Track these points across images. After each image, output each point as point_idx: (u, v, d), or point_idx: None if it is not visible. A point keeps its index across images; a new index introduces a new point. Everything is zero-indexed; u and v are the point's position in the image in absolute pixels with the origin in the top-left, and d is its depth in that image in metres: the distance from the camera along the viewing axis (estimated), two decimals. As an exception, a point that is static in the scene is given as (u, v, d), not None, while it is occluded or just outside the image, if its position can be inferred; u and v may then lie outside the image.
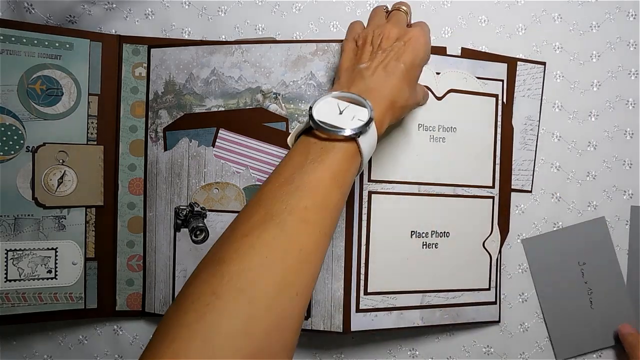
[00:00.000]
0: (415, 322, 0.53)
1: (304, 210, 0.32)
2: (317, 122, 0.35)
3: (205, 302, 0.27)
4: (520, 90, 0.56)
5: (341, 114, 0.36)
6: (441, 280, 0.53)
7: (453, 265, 0.53)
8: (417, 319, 0.53)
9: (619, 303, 0.57)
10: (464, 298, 0.54)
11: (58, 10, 0.55)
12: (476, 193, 0.54)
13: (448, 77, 0.53)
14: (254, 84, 0.52)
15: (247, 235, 0.31)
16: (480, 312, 0.55)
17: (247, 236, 0.31)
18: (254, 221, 0.31)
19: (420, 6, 0.56)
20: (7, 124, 0.50)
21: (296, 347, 0.57)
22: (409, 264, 0.52)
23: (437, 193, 0.52)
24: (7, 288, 0.50)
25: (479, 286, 0.54)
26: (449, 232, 0.53)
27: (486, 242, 0.54)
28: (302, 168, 0.34)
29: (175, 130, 0.53)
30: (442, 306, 0.53)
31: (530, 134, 0.57)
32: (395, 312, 0.52)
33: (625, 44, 0.57)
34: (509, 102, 0.55)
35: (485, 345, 0.57)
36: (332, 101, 0.37)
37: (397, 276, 0.52)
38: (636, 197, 0.58)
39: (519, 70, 0.55)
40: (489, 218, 0.54)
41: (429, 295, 0.53)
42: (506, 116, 0.55)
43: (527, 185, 0.57)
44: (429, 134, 0.52)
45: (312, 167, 0.34)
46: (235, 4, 0.56)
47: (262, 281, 0.29)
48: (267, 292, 0.29)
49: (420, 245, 0.52)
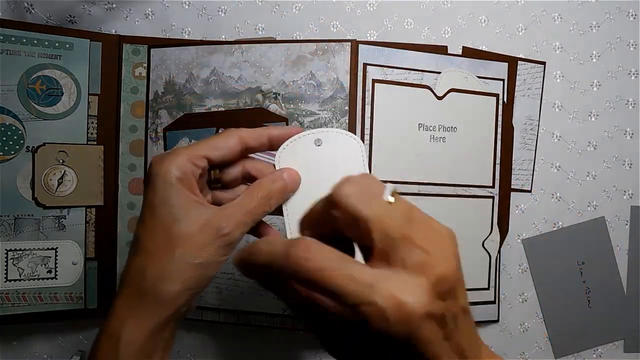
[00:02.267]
0: None
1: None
2: None
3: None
4: (521, 89, 0.56)
5: None
6: None
7: None
8: None
9: (616, 302, 0.57)
10: None
11: (58, 10, 0.55)
12: (476, 193, 0.54)
13: (449, 76, 0.52)
14: (253, 84, 0.52)
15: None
16: (479, 312, 0.55)
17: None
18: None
19: (421, 6, 0.56)
20: (7, 124, 0.50)
21: (298, 347, 0.57)
22: None
23: (437, 193, 0.52)
24: (7, 288, 0.50)
25: (478, 285, 0.54)
26: None
27: (485, 241, 0.54)
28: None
29: (175, 130, 0.53)
30: None
31: (530, 134, 0.56)
32: None
33: (625, 44, 0.57)
34: (510, 101, 0.55)
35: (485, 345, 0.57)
36: None
37: None
38: (636, 197, 0.58)
39: (519, 69, 0.56)
40: (488, 218, 0.54)
41: None
42: (506, 116, 0.55)
43: (526, 185, 0.57)
44: (429, 133, 0.52)
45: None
46: (235, 4, 0.56)
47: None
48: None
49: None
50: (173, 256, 0.31)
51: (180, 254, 0.31)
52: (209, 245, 0.31)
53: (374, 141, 0.51)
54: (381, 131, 0.51)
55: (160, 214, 0.31)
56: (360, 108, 0.51)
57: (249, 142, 0.34)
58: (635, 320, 0.57)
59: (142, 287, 0.31)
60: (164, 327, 0.32)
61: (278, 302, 0.51)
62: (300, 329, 0.51)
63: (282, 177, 0.33)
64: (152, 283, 0.31)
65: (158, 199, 0.31)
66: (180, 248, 0.31)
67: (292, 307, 0.28)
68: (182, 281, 0.31)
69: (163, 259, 0.31)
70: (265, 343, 0.57)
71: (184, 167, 0.32)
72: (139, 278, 0.31)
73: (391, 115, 0.51)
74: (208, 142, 0.34)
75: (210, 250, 0.31)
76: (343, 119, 0.50)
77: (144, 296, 0.31)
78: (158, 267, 0.31)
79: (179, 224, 0.31)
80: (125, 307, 0.31)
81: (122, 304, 0.32)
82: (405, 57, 0.52)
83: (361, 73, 0.51)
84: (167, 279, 0.31)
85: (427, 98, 0.52)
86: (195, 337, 0.57)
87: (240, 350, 0.57)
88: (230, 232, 0.32)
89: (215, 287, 0.52)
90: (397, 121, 0.52)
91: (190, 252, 0.31)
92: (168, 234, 0.31)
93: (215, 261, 0.32)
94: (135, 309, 0.31)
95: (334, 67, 0.51)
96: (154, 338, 0.31)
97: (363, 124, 0.51)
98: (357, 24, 0.56)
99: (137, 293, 0.31)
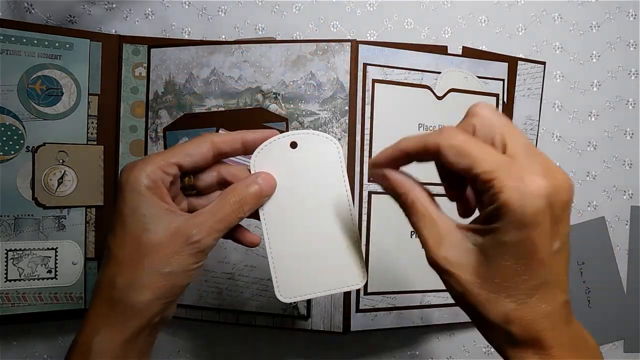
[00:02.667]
0: (415, 322, 0.53)
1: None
2: None
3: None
4: (521, 89, 0.56)
5: None
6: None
7: None
8: (417, 318, 0.53)
9: (616, 302, 0.57)
10: None
11: (58, 10, 0.55)
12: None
13: (449, 76, 0.52)
14: (253, 84, 0.52)
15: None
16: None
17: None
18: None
19: (421, 6, 0.56)
20: (7, 124, 0.50)
21: (298, 348, 0.57)
22: (410, 264, 0.52)
23: (437, 193, 0.52)
24: (7, 288, 0.50)
25: None
26: None
27: None
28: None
29: (175, 130, 0.53)
30: (441, 306, 0.53)
31: (530, 134, 0.56)
32: (395, 311, 0.52)
33: (625, 44, 0.57)
34: (510, 101, 0.55)
35: (486, 345, 0.57)
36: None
37: (398, 276, 0.52)
38: (636, 197, 0.58)
39: (519, 69, 0.55)
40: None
41: (428, 295, 0.53)
42: (507, 116, 0.54)
43: None
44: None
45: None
46: (235, 4, 0.56)
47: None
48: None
49: (421, 245, 0.52)
50: (142, 265, 0.30)
51: (149, 262, 0.30)
52: (178, 253, 0.31)
53: (374, 141, 0.51)
54: (381, 131, 0.51)
55: (130, 222, 0.31)
56: (360, 108, 0.51)
57: (221, 147, 0.34)
58: (635, 320, 0.57)
59: (113, 296, 0.31)
60: (137, 336, 0.31)
61: (278, 302, 0.51)
62: (300, 329, 0.51)
63: (257, 182, 0.33)
64: (122, 292, 0.31)
65: (127, 208, 0.31)
66: (150, 257, 0.31)
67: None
68: (152, 290, 0.31)
69: (133, 268, 0.31)
70: (265, 343, 0.57)
71: (153, 175, 0.31)
72: (110, 287, 0.31)
73: (391, 115, 0.51)
74: (179, 149, 0.33)
75: (180, 259, 0.31)
76: (343, 119, 0.50)
77: (115, 305, 0.31)
78: (128, 276, 0.31)
79: (148, 233, 0.31)
80: (97, 317, 0.31)
81: (94, 314, 0.31)
82: (405, 57, 0.52)
83: (361, 73, 0.51)
84: (137, 289, 0.30)
85: (427, 98, 0.52)
86: (195, 337, 0.57)
87: (240, 350, 0.57)
88: (200, 239, 0.31)
89: (215, 287, 0.52)
90: (397, 121, 0.51)
91: (159, 261, 0.31)
92: (138, 243, 0.31)
93: (185, 269, 0.31)
94: (107, 318, 0.31)
95: (334, 67, 0.51)
96: (126, 347, 0.31)
97: (363, 124, 0.51)
98: (357, 24, 0.56)
99: (108, 302, 0.31)
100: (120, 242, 0.31)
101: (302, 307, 0.50)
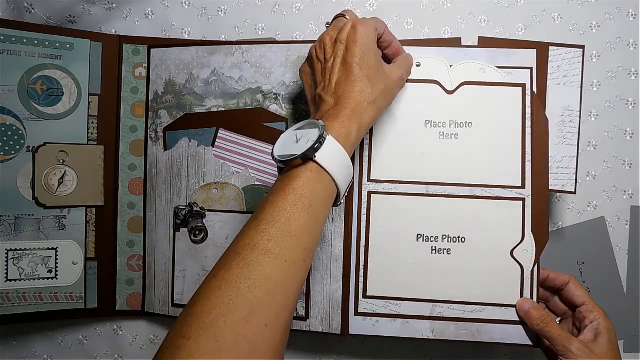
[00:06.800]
0: (425, 334, 0.48)
1: (267, 242, 0.33)
2: (275, 157, 0.37)
3: (177, 345, 0.30)
4: (555, 77, 0.50)
5: (298, 142, 0.37)
6: (456, 291, 0.48)
7: (471, 274, 0.48)
8: (427, 330, 0.48)
9: (616, 302, 0.57)
10: (486, 313, 0.47)
11: (58, 10, 0.55)
12: (500, 194, 0.48)
13: (461, 69, 0.49)
14: (254, 84, 0.52)
15: (215, 277, 0.32)
16: (509, 333, 0.47)
17: (215, 277, 0.32)
18: (222, 262, 0.33)
19: (421, 6, 0.56)
20: (7, 124, 0.50)
21: (298, 348, 0.57)
22: (415, 269, 0.48)
23: (449, 194, 0.48)
24: (8, 288, 0.50)
25: (507, 302, 0.47)
26: (464, 237, 0.48)
27: (515, 250, 0.47)
28: (263, 202, 0.35)
29: (175, 130, 0.53)
30: (457, 319, 0.48)
31: (570, 126, 0.50)
32: (400, 320, 0.48)
33: (625, 44, 0.57)
34: (541, 91, 0.50)
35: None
36: (290, 134, 0.39)
37: (401, 281, 0.48)
38: (636, 197, 0.58)
39: (551, 56, 0.50)
40: (518, 223, 0.48)
41: (440, 305, 0.48)
42: (537, 107, 0.49)
43: (568, 186, 0.49)
44: (438, 130, 0.49)
45: (272, 199, 0.35)
46: (235, 4, 0.56)
47: (227, 318, 0.30)
48: (233, 327, 0.30)
49: (429, 250, 0.48)
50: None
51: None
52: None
53: (374, 138, 0.49)
54: (381, 128, 0.49)
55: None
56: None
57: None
58: (635, 320, 0.57)
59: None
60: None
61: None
62: (300, 329, 0.51)
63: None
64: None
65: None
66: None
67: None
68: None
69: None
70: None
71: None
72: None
73: (394, 112, 0.49)
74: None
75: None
76: (343, 119, 0.50)
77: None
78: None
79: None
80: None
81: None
82: (410, 52, 0.49)
83: (361, 73, 0.50)
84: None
85: (435, 93, 0.49)
86: (195, 337, 0.57)
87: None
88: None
89: (215, 287, 0.52)
90: (399, 117, 0.49)
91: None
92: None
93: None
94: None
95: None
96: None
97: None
98: (357, 24, 0.56)
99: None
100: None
101: (301, 308, 0.50)
